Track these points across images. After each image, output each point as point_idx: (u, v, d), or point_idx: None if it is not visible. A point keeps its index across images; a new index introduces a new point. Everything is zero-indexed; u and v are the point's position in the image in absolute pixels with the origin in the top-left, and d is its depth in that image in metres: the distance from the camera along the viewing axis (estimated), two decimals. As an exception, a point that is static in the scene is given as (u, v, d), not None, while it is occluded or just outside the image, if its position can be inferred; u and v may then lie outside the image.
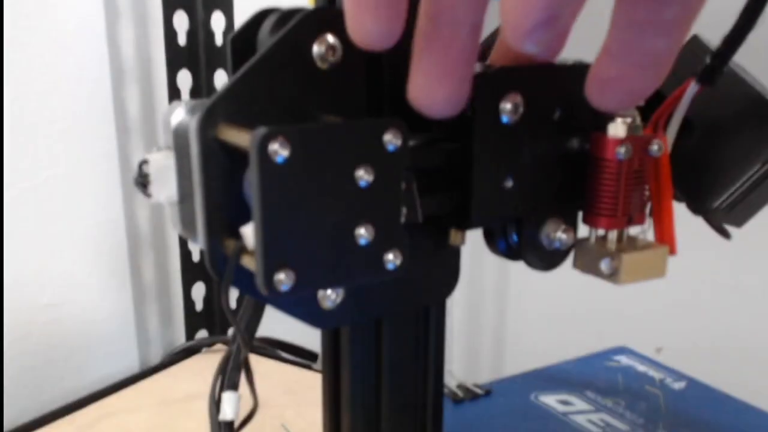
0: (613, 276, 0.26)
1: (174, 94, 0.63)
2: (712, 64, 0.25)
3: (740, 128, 0.28)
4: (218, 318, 0.70)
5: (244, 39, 0.24)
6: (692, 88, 0.26)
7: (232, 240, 0.21)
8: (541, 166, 0.25)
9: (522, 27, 0.18)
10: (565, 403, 0.47)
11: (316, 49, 0.22)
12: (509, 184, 0.25)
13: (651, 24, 0.19)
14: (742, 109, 0.28)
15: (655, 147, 0.26)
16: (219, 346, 0.67)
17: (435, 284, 0.27)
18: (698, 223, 0.30)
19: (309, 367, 0.64)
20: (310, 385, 0.59)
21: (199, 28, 0.63)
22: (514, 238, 0.27)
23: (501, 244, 0.27)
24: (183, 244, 0.67)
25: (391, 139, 0.21)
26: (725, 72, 0.27)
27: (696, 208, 0.29)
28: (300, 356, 0.67)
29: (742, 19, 0.23)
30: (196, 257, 0.68)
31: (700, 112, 0.28)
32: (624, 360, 0.54)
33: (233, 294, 0.65)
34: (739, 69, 0.28)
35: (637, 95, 0.20)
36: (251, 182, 0.19)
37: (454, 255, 0.27)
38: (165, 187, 0.23)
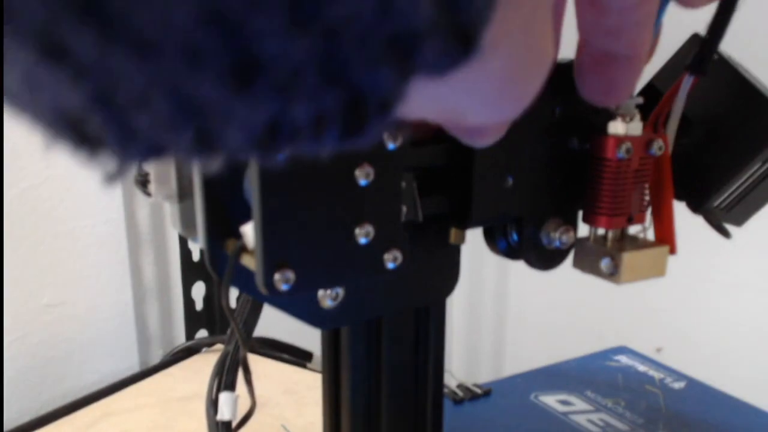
0: (613, 275, 0.26)
1: (174, 93, 0.63)
2: (701, 53, 0.25)
3: (740, 127, 0.28)
4: (218, 318, 0.70)
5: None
6: (686, 80, 0.26)
7: (232, 239, 0.21)
8: (541, 165, 0.25)
9: (475, 143, 0.18)
10: (565, 402, 0.47)
11: (316, 48, 0.21)
12: (509, 183, 0.25)
13: (597, 28, 0.20)
14: (742, 108, 0.27)
15: (655, 146, 0.25)
16: (219, 345, 0.67)
17: (435, 284, 0.27)
18: (698, 222, 0.30)
19: (304, 366, 0.64)
20: (309, 384, 0.59)
21: (199, 28, 0.63)
22: (515, 237, 0.26)
23: (501, 244, 0.27)
24: (183, 243, 0.67)
25: (391, 138, 0.21)
26: (726, 70, 0.27)
27: (695, 207, 0.29)
28: (294, 355, 0.66)
29: (722, 4, 0.23)
30: (196, 257, 0.68)
31: (700, 110, 0.28)
32: (624, 360, 0.54)
33: (233, 293, 0.65)
34: (740, 68, 0.28)
35: (612, 91, 0.21)
36: (251, 181, 0.19)
37: (454, 255, 0.27)
38: (165, 186, 0.23)
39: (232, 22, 0.09)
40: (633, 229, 0.27)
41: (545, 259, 0.27)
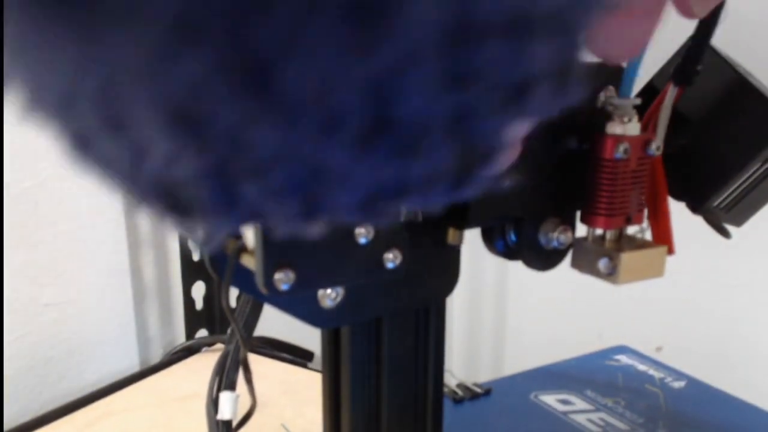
0: (611, 276, 0.26)
1: (174, 93, 0.63)
2: (683, 65, 0.25)
3: (740, 127, 0.28)
4: (218, 317, 0.70)
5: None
6: (672, 90, 0.26)
7: (232, 239, 0.21)
8: (539, 165, 0.25)
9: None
10: (565, 402, 0.47)
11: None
12: (507, 183, 0.25)
13: None
14: (742, 108, 0.27)
15: (653, 147, 0.26)
16: (219, 345, 0.67)
17: (435, 284, 0.27)
18: (698, 222, 0.30)
19: (305, 366, 0.64)
20: (309, 384, 0.58)
21: (199, 28, 0.63)
22: (513, 237, 0.27)
23: (499, 244, 0.27)
24: (183, 243, 0.67)
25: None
26: (726, 70, 0.27)
27: (695, 207, 0.29)
28: (295, 355, 0.67)
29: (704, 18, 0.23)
30: (196, 256, 0.68)
31: (699, 110, 0.28)
32: (624, 359, 0.54)
33: (233, 293, 0.65)
34: (740, 68, 0.28)
35: (628, 40, 0.21)
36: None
37: (454, 254, 0.27)
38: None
39: (385, 84, 0.09)
40: (631, 230, 0.27)
41: (543, 259, 0.27)
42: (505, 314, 0.92)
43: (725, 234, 0.31)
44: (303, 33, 0.08)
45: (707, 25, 0.24)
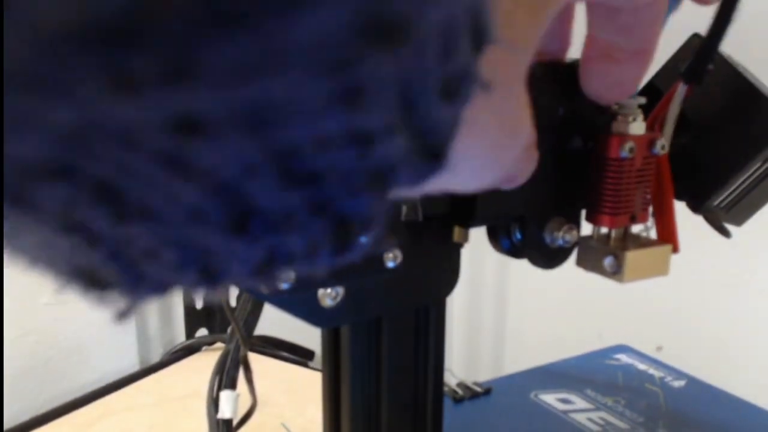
0: (616, 274, 0.26)
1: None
2: (695, 63, 0.25)
3: (740, 126, 0.28)
4: (218, 316, 0.70)
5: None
6: (681, 88, 0.26)
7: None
8: (544, 164, 0.25)
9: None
10: (565, 401, 0.47)
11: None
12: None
13: (608, 25, 0.20)
14: (743, 107, 0.27)
15: (658, 146, 0.26)
16: (219, 344, 0.67)
17: (435, 283, 0.27)
18: (698, 221, 0.30)
19: (305, 365, 0.64)
20: (309, 383, 0.59)
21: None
22: (518, 236, 0.27)
23: (504, 242, 0.27)
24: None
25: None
26: (726, 70, 0.27)
27: (695, 206, 0.29)
28: (296, 354, 0.67)
29: (719, 16, 0.23)
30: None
31: (700, 109, 0.28)
32: (624, 358, 0.54)
33: (233, 292, 0.65)
34: (740, 67, 0.28)
35: (617, 87, 0.22)
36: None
37: (455, 254, 0.27)
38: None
39: (231, 190, 0.10)
40: (636, 228, 0.27)
41: (548, 257, 0.27)
42: (505, 314, 0.92)
43: (725, 233, 0.31)
44: (134, 162, 0.09)
45: (721, 23, 0.24)
